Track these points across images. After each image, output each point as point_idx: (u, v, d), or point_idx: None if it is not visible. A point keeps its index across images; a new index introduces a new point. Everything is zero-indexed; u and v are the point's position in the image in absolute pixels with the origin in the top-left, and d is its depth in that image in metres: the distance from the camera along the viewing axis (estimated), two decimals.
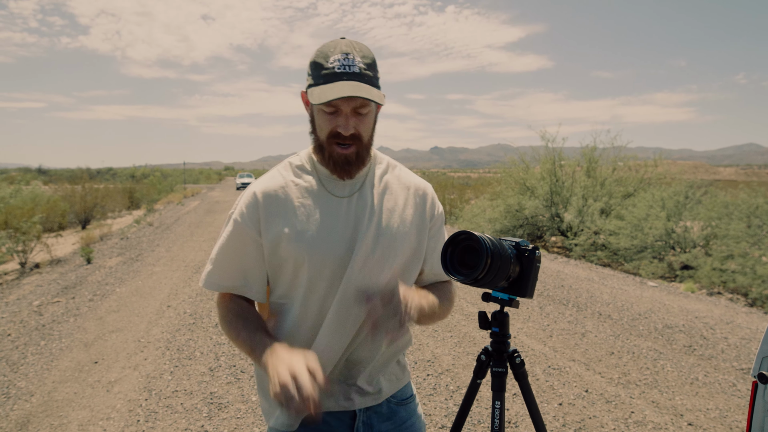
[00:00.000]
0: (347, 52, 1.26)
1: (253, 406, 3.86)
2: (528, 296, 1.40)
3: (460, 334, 5.49)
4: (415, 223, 1.42)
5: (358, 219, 1.33)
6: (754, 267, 7.76)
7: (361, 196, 1.36)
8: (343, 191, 1.35)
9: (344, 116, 1.26)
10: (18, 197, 15.43)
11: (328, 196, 1.34)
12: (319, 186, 1.35)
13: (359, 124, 1.28)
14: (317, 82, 1.26)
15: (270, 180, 1.37)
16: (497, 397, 1.43)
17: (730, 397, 4.05)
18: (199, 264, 9.58)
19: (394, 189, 1.42)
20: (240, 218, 1.33)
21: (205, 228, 15.39)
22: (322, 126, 1.29)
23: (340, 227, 1.32)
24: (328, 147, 1.29)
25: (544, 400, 3.96)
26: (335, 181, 1.35)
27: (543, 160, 14.10)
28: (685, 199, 10.73)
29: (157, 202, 27.99)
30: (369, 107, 1.28)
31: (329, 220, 1.32)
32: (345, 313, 1.31)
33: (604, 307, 6.70)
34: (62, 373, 4.53)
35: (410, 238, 1.40)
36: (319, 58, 1.27)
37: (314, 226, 1.31)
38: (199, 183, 72.60)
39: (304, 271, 1.31)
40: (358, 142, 1.29)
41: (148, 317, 6.20)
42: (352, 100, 1.24)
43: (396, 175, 1.45)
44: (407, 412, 1.51)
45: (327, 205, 1.33)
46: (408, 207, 1.42)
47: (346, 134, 1.26)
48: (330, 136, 1.28)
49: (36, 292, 7.81)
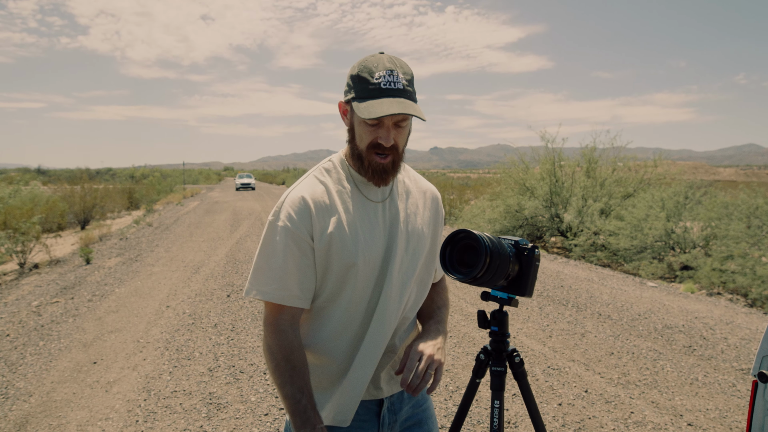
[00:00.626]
0: (391, 69, 1.31)
1: (252, 407, 3.85)
2: (527, 295, 1.40)
3: (460, 335, 5.48)
4: (431, 225, 1.53)
5: (393, 222, 1.42)
6: (753, 267, 7.76)
7: (392, 200, 1.45)
8: (377, 196, 1.43)
9: (386, 128, 1.32)
10: (17, 197, 15.42)
11: (366, 202, 1.41)
12: (357, 192, 1.41)
13: (397, 136, 1.34)
14: (362, 96, 1.30)
15: (314, 186, 1.39)
16: (496, 396, 1.43)
17: (730, 398, 4.05)
18: (199, 264, 9.57)
19: (414, 193, 1.52)
20: (291, 224, 1.33)
21: (205, 228, 15.38)
22: (363, 137, 1.34)
23: (380, 230, 1.40)
24: (368, 156, 1.35)
25: (543, 401, 3.95)
26: (370, 186, 1.42)
27: (543, 161, 14.10)
28: (685, 199, 10.73)
29: (157, 203, 27.97)
30: (408, 120, 1.36)
31: (371, 225, 1.39)
32: (389, 310, 1.39)
33: (603, 308, 6.69)
34: (61, 374, 4.52)
35: (428, 239, 1.50)
36: (364, 73, 1.31)
37: (360, 230, 1.37)
38: (199, 183, 72.59)
39: (353, 273, 1.35)
40: (395, 153, 1.36)
41: (147, 317, 6.19)
42: (395, 115, 1.30)
43: (412, 179, 1.55)
44: (423, 396, 1.57)
45: (367, 210, 1.40)
46: (426, 210, 1.52)
47: (387, 146, 1.32)
48: (370, 146, 1.34)
49: (35, 292, 7.80)
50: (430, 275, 1.53)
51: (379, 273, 1.39)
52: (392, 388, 1.48)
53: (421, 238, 1.46)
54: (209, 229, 15.08)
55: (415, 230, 1.46)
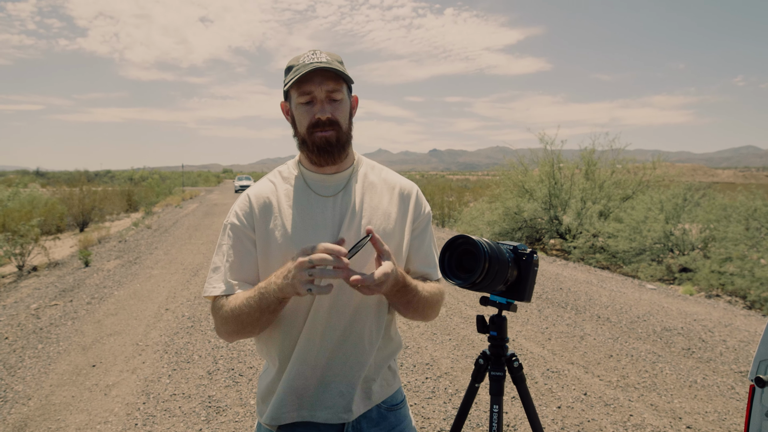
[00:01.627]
0: (314, 50, 1.39)
1: (251, 410, 3.85)
2: (526, 300, 1.40)
3: (459, 337, 5.48)
4: (398, 222, 1.47)
5: (342, 217, 1.40)
6: (752, 269, 7.77)
7: (345, 195, 1.43)
8: (327, 191, 1.43)
9: (319, 103, 1.36)
10: (16, 200, 15.41)
11: (313, 196, 1.42)
12: (305, 187, 1.44)
13: (335, 110, 1.36)
14: (289, 79, 1.37)
15: (260, 186, 1.47)
16: (495, 401, 1.43)
17: (729, 400, 4.05)
18: (198, 267, 9.56)
19: (379, 188, 1.48)
20: (237, 221, 1.42)
21: (204, 231, 15.37)
22: (302, 120, 1.38)
23: (326, 225, 1.39)
24: (309, 137, 1.38)
25: (542, 403, 3.95)
26: (319, 181, 1.44)
27: (542, 163, 14.12)
28: (684, 201, 10.75)
29: (156, 205, 27.96)
30: (342, 93, 1.38)
31: (314, 219, 1.40)
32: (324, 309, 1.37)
33: (602, 310, 6.70)
34: (60, 377, 4.52)
35: (395, 237, 1.44)
36: (290, 62, 1.40)
37: (300, 225, 1.39)
38: (198, 185, 72.56)
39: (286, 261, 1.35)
40: (337, 128, 1.37)
41: (147, 320, 6.19)
42: (324, 84, 1.34)
43: (380, 175, 1.52)
44: (397, 418, 1.52)
45: (312, 204, 1.41)
46: (392, 206, 1.47)
47: (323, 118, 1.35)
48: (309, 126, 1.37)
49: (33, 295, 7.79)
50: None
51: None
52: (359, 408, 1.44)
53: (382, 231, 1.41)
54: (208, 232, 15.07)
55: (373, 223, 1.41)
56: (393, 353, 1.53)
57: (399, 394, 1.56)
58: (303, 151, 1.43)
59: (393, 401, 1.52)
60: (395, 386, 1.54)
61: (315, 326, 1.38)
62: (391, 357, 1.52)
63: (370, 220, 1.42)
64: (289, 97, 1.41)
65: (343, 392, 1.40)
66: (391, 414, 1.50)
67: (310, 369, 1.39)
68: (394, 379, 1.54)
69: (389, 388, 1.51)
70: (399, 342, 1.56)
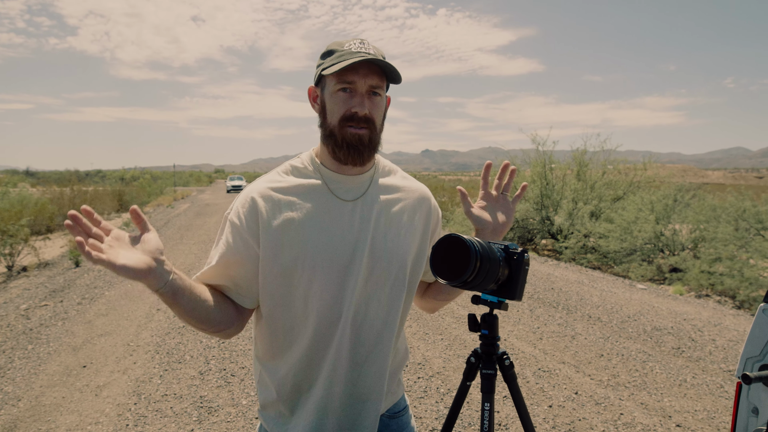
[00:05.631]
0: (362, 40, 1.28)
1: (243, 410, 3.84)
2: (517, 299, 1.41)
3: (451, 337, 5.50)
4: (420, 228, 1.41)
5: (364, 224, 1.30)
6: (741, 269, 7.85)
7: (366, 200, 1.33)
8: (348, 195, 1.31)
9: (359, 96, 1.24)
10: (5, 200, 15.26)
11: (333, 199, 1.30)
12: (324, 188, 1.31)
13: (373, 108, 1.26)
14: (331, 63, 1.24)
15: (270, 182, 1.31)
16: (486, 399, 1.44)
17: (718, 399, 4.09)
18: (190, 267, 9.52)
19: (399, 194, 1.40)
20: (238, 221, 1.27)
21: (196, 231, 15.30)
22: (335, 110, 1.26)
23: (344, 233, 1.28)
24: (341, 130, 1.25)
25: (534, 402, 3.98)
26: (340, 183, 1.32)
27: (534, 163, 14.18)
28: (674, 202, 10.84)
29: (147, 205, 27.80)
30: (382, 90, 1.28)
31: (333, 225, 1.28)
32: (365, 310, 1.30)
33: (593, 310, 6.74)
34: (50, 378, 4.49)
35: (415, 242, 1.39)
36: (333, 46, 1.28)
37: (317, 231, 1.27)
38: (190, 185, 72.21)
39: (303, 277, 1.26)
40: (372, 126, 1.26)
41: (138, 321, 6.15)
42: (369, 77, 1.23)
43: (398, 179, 1.43)
44: (398, 425, 1.50)
45: (331, 208, 1.29)
46: (414, 212, 1.41)
47: (361, 113, 1.24)
48: (344, 118, 1.25)
49: (23, 295, 7.73)
50: (416, 281, 1.43)
51: (341, 278, 1.27)
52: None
53: (403, 244, 1.35)
54: (200, 232, 15.00)
55: (397, 234, 1.34)
56: (402, 364, 1.50)
57: (402, 401, 1.53)
58: (327, 145, 1.30)
59: (396, 408, 1.50)
60: (399, 395, 1.52)
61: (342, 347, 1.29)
62: (401, 369, 1.50)
63: (393, 228, 1.34)
64: (323, 82, 1.29)
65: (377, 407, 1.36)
66: (393, 421, 1.48)
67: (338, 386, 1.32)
68: (398, 388, 1.51)
69: (394, 398, 1.49)
70: (406, 352, 1.53)
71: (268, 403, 1.39)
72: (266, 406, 1.40)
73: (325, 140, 1.30)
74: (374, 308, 1.32)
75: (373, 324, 1.32)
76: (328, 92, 1.27)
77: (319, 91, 1.32)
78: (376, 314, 1.32)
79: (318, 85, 1.32)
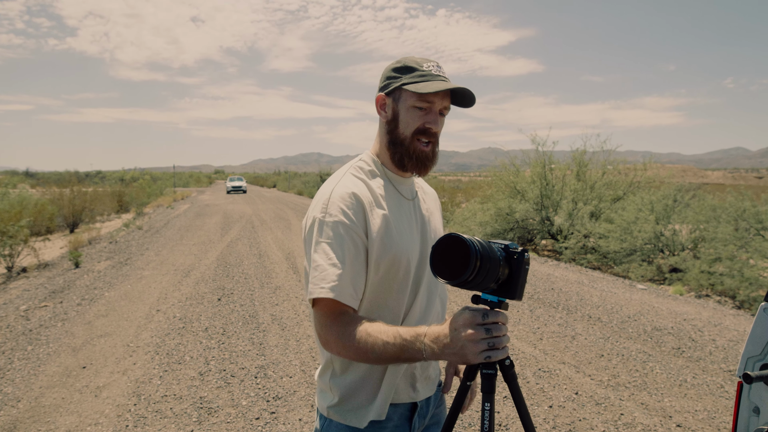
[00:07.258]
0: (437, 62, 1.40)
1: (243, 411, 3.84)
2: (517, 298, 1.41)
3: None
4: (441, 223, 1.60)
5: (423, 219, 1.47)
6: (741, 269, 7.85)
7: (418, 200, 1.50)
8: (409, 194, 1.46)
9: (434, 114, 1.36)
10: (5, 201, 15.25)
11: (402, 199, 1.43)
12: (393, 189, 1.43)
13: (440, 127, 1.39)
14: (415, 80, 1.35)
15: (356, 182, 1.37)
16: (487, 399, 1.43)
17: (718, 399, 4.09)
18: (189, 268, 9.51)
19: (427, 194, 1.59)
20: (346, 219, 1.27)
21: (195, 231, 15.30)
22: (410, 122, 1.36)
23: (415, 229, 1.43)
24: (411, 143, 1.37)
25: (534, 403, 3.97)
26: (403, 184, 1.45)
27: (533, 164, 14.18)
28: (674, 202, 10.84)
29: (147, 206, 27.79)
30: (448, 111, 1.42)
31: (408, 223, 1.41)
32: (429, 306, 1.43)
33: (593, 310, 6.74)
34: (50, 379, 4.48)
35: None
36: (410, 63, 1.38)
37: (402, 226, 1.38)
38: (189, 186, 72.21)
39: (396, 274, 1.35)
40: (435, 142, 1.40)
41: (137, 321, 6.15)
42: (445, 99, 1.37)
43: (421, 180, 1.60)
44: (441, 396, 1.61)
45: (402, 207, 1.42)
46: (437, 209, 1.60)
47: (436, 130, 1.36)
48: (417, 132, 1.36)
49: (23, 296, 7.72)
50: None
51: (418, 270, 1.39)
52: (426, 391, 1.48)
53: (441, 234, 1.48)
54: (200, 233, 15.00)
55: (437, 227, 1.52)
56: None
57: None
58: (394, 152, 1.39)
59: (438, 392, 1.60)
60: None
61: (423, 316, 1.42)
62: None
63: (434, 226, 1.50)
64: (397, 94, 1.38)
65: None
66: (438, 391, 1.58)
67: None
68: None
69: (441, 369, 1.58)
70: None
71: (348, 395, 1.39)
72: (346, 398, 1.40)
73: (391, 146, 1.40)
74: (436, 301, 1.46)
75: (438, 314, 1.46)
76: (404, 105, 1.37)
77: (389, 100, 1.40)
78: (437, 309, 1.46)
79: (389, 95, 1.40)
